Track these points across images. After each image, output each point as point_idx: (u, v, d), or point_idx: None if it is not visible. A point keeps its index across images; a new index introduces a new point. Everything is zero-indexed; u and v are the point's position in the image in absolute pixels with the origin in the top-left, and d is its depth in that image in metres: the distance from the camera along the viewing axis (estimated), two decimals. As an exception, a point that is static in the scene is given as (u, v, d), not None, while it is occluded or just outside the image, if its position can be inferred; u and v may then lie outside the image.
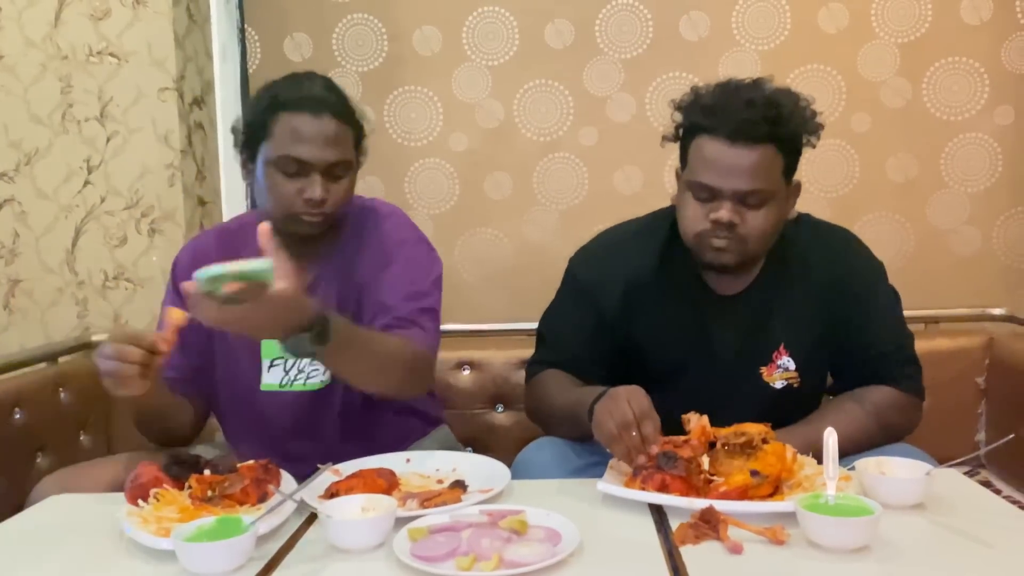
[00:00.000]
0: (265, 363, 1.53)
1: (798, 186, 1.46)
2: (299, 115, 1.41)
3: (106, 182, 2.29)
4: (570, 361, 1.53)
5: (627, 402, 1.24)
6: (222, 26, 2.42)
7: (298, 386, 1.53)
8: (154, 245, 2.29)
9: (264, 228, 1.18)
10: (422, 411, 1.68)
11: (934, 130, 2.36)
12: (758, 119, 1.34)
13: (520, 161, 2.43)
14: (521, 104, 2.42)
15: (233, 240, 1.55)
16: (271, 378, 1.53)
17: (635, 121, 2.40)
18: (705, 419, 1.27)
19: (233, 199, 2.48)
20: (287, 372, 1.53)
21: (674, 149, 2.40)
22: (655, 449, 1.22)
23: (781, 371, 1.48)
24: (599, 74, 2.40)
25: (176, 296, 1.51)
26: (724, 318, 1.49)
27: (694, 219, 1.41)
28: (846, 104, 2.36)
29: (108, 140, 2.28)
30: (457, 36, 2.41)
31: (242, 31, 2.43)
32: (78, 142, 2.28)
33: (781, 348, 1.48)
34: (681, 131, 1.45)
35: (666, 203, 1.58)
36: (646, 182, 2.40)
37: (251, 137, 1.46)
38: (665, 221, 1.53)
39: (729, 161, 1.35)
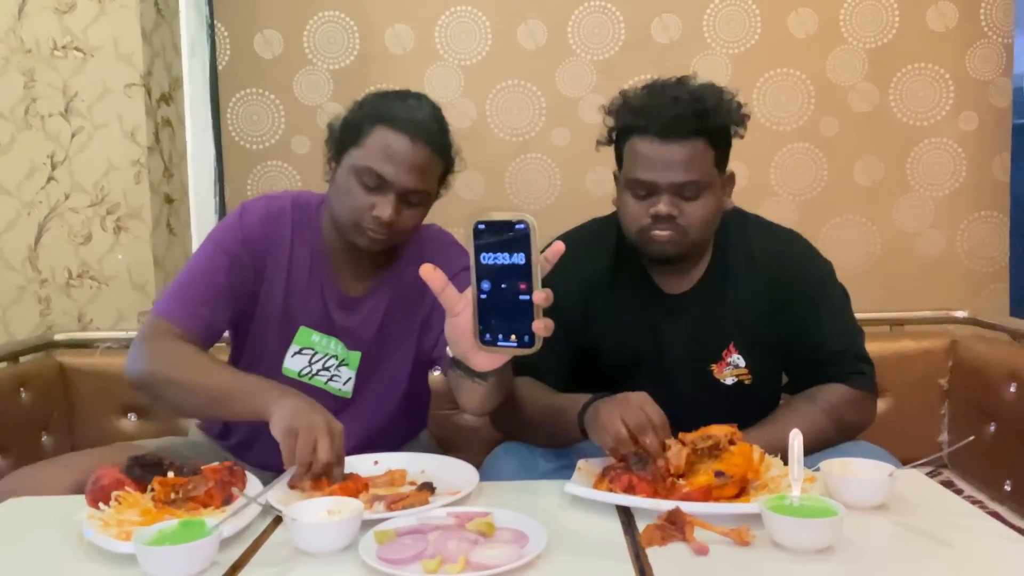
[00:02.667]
0: (293, 348, 1.53)
1: (732, 176, 1.50)
2: (397, 134, 1.41)
3: (71, 178, 2.25)
4: (535, 366, 1.51)
5: (641, 408, 1.25)
6: (191, 21, 2.39)
7: (318, 382, 1.54)
8: (119, 243, 2.25)
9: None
10: (420, 416, 1.72)
11: (900, 135, 2.40)
12: (686, 114, 1.38)
13: (493, 161, 2.43)
14: (494, 104, 2.42)
15: (309, 218, 1.55)
16: (293, 364, 1.54)
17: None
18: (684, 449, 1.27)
19: (201, 196, 2.45)
20: (311, 364, 1.54)
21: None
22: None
23: (731, 368, 1.51)
24: (571, 75, 2.40)
25: (242, 250, 1.49)
26: (673, 316, 1.51)
27: (635, 216, 1.44)
28: (815, 108, 2.38)
29: (73, 136, 2.24)
30: (430, 35, 2.40)
31: (211, 27, 2.40)
32: (42, 137, 2.24)
33: (731, 346, 1.50)
34: (614, 134, 1.49)
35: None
36: (617, 183, 2.41)
37: (344, 139, 1.46)
38: (612, 226, 1.56)
39: (662, 157, 1.39)
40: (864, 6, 2.37)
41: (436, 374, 2.08)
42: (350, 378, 1.56)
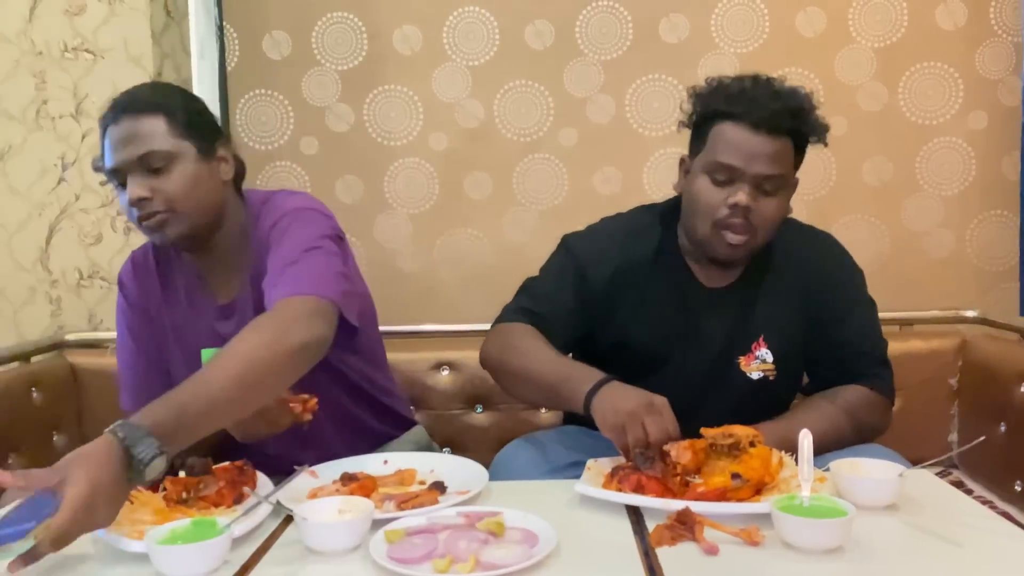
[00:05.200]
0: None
1: (797, 182, 1.49)
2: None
3: (81, 179, 2.26)
4: (544, 316, 1.51)
5: (662, 414, 1.25)
6: (200, 23, 2.40)
7: None
8: (129, 244, 2.26)
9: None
10: (396, 413, 1.66)
11: (909, 134, 2.39)
12: (782, 111, 1.38)
13: (500, 161, 2.43)
14: (501, 104, 2.42)
15: (163, 248, 1.50)
16: None
17: (615, 122, 2.41)
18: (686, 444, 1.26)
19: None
20: None
21: (654, 152, 2.44)
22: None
23: (759, 362, 1.51)
24: (579, 75, 2.41)
25: (127, 314, 1.51)
26: (711, 310, 1.51)
27: (710, 204, 1.42)
28: (823, 108, 2.36)
29: (83, 137, 2.25)
30: (438, 36, 2.40)
31: (220, 28, 2.41)
32: (53, 139, 2.25)
33: (760, 340, 1.51)
34: (698, 118, 1.46)
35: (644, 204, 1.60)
36: (625, 183, 2.41)
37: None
38: (658, 216, 1.56)
39: (752, 147, 1.38)
40: (873, 5, 2.36)
41: (444, 375, 2.10)
42: None
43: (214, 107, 2.40)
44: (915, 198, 2.41)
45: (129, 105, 1.37)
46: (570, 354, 1.53)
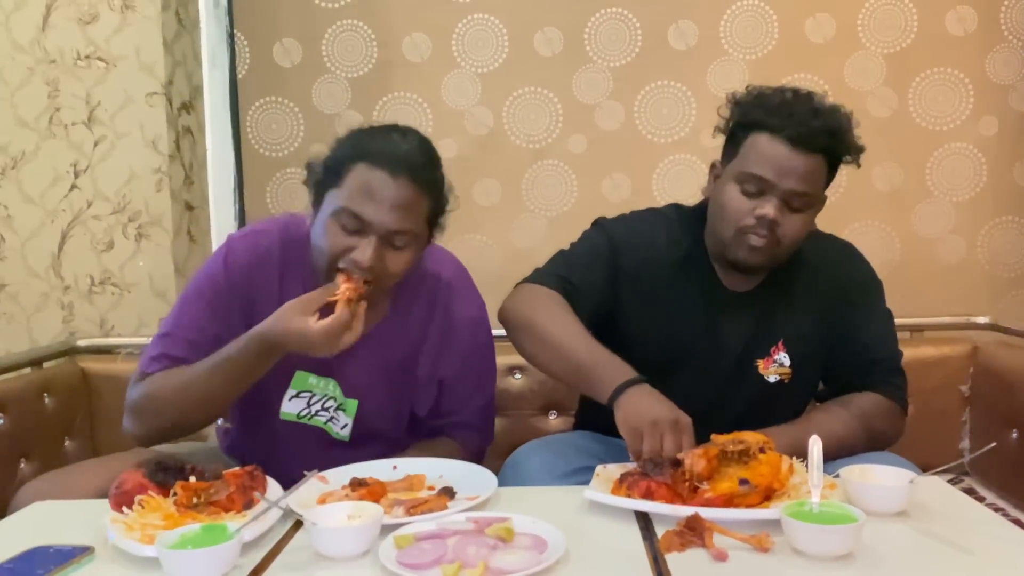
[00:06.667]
0: (290, 392, 1.49)
1: (825, 199, 1.49)
2: (377, 170, 1.32)
3: (93, 186, 2.28)
4: (576, 287, 1.50)
5: (682, 433, 1.25)
6: (211, 31, 2.42)
7: (318, 422, 1.50)
8: (141, 250, 2.28)
9: None
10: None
11: (920, 140, 2.38)
12: (820, 129, 1.38)
13: (509, 168, 2.43)
14: (510, 111, 2.43)
15: (299, 253, 1.45)
16: (291, 407, 1.50)
17: (623, 129, 2.41)
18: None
19: (221, 204, 2.48)
20: (309, 406, 1.50)
21: (663, 158, 2.44)
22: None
23: (776, 366, 1.52)
24: (588, 82, 2.41)
25: (227, 300, 1.44)
26: (733, 314, 1.52)
27: (738, 212, 1.42)
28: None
29: (96, 144, 2.27)
30: (447, 43, 2.41)
31: (231, 36, 2.42)
32: (65, 146, 2.27)
33: (780, 344, 1.51)
34: (735, 125, 1.46)
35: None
36: (634, 189, 2.41)
37: (324, 181, 1.37)
38: (689, 219, 1.56)
39: (786, 162, 1.38)
40: (882, 11, 2.36)
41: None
42: (347, 424, 1.51)
43: (225, 115, 2.42)
44: (926, 204, 2.40)
45: (414, 173, 1.33)
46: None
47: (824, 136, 1.38)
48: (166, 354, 1.43)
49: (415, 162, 1.34)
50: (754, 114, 1.43)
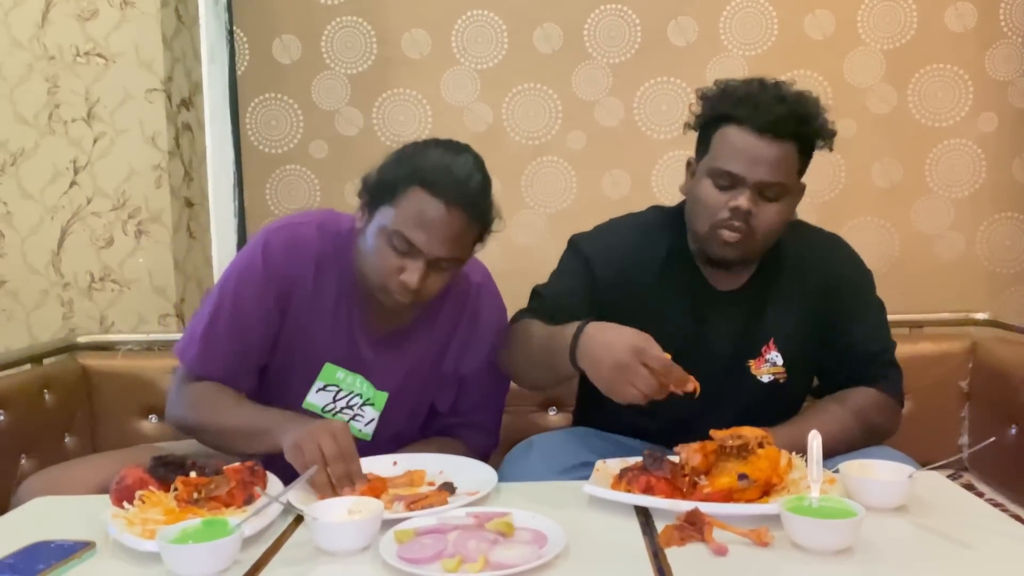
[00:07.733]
0: (317, 384, 1.50)
1: (803, 188, 1.48)
2: (433, 199, 1.33)
3: (92, 183, 2.28)
4: (551, 310, 1.50)
5: (650, 370, 1.23)
6: (210, 27, 2.41)
7: (340, 419, 1.50)
8: (140, 247, 2.28)
9: None
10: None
11: (919, 136, 2.38)
12: (787, 116, 1.38)
13: (508, 165, 2.43)
14: (510, 108, 2.43)
15: (335, 247, 1.48)
16: (317, 399, 1.51)
17: (623, 125, 2.41)
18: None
19: (220, 200, 2.47)
20: (335, 401, 1.51)
21: (662, 154, 2.44)
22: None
23: (769, 365, 1.51)
24: (587, 78, 2.41)
25: (263, 289, 1.44)
26: (721, 313, 1.51)
27: (712, 207, 1.42)
28: (832, 110, 2.36)
29: (95, 141, 2.27)
30: (446, 39, 2.41)
31: (230, 32, 2.42)
32: (64, 143, 2.27)
33: (771, 343, 1.50)
34: (705, 120, 1.46)
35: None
36: (634, 186, 2.41)
37: (379, 194, 1.38)
38: (671, 217, 1.55)
39: (755, 152, 1.38)
40: (882, 7, 2.36)
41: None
42: (373, 419, 1.53)
43: (224, 111, 2.42)
44: (925, 200, 2.40)
45: (468, 204, 1.35)
46: None
47: (792, 122, 1.38)
48: (210, 358, 1.46)
49: (469, 191, 1.36)
50: (721, 107, 1.43)
